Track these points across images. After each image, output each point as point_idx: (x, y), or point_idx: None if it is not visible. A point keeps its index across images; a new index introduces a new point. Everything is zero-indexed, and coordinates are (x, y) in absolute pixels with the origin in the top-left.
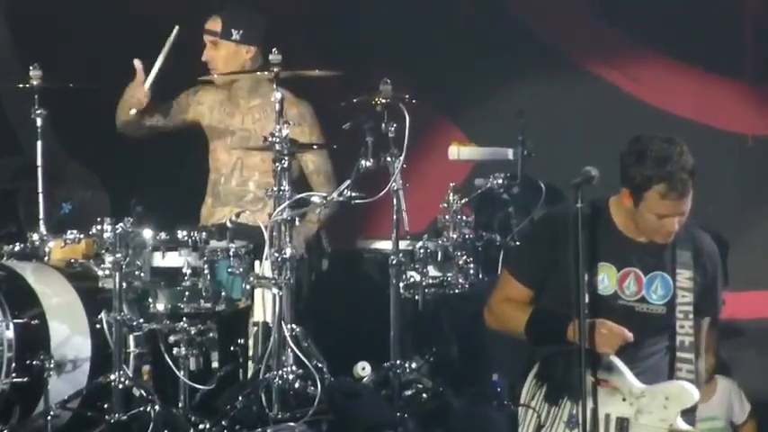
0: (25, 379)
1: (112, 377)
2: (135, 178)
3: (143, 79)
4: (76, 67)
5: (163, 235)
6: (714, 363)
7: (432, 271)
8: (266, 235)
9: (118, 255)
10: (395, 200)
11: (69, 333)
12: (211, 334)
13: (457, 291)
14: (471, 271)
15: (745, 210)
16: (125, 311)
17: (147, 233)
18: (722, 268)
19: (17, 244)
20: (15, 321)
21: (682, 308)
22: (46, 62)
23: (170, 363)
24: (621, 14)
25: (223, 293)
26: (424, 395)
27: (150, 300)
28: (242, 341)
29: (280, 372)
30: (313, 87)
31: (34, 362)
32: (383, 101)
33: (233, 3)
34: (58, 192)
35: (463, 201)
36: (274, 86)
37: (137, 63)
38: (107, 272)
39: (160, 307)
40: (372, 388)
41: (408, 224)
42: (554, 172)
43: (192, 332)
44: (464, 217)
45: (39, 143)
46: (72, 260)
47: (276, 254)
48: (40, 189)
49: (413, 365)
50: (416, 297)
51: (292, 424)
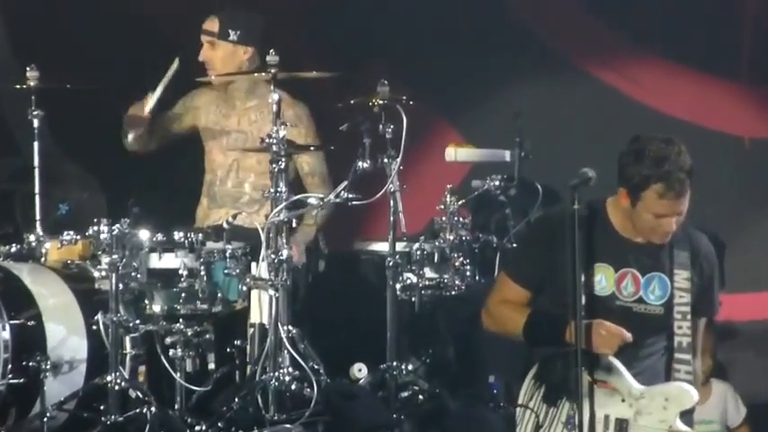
0: (21, 380)
1: (109, 378)
2: (132, 179)
3: (143, 107)
4: (74, 68)
5: (159, 236)
6: (711, 365)
7: (428, 273)
8: (263, 236)
9: (114, 256)
10: (392, 201)
11: (66, 334)
12: (208, 335)
13: (454, 292)
14: (468, 273)
15: (741, 211)
16: (121, 313)
17: (144, 234)
18: (719, 269)
19: (14, 245)
20: (12, 322)
21: (679, 308)
22: (43, 63)
23: (166, 364)
24: (619, 16)
25: (219, 295)
26: (421, 397)
27: (147, 301)
28: (238, 343)
29: (276, 373)
30: (310, 88)
31: (30, 363)
32: (380, 102)
33: (231, 3)
34: (55, 193)
35: (460, 202)
36: (272, 87)
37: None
38: (104, 273)
39: (156, 308)
40: (369, 390)
41: (405, 226)
42: (551, 174)
43: (189, 333)
44: (461, 219)
45: (36, 144)
46: (69, 261)
47: (273, 255)
48: (37, 190)
49: (409, 367)
50: (413, 299)
51: (289, 426)
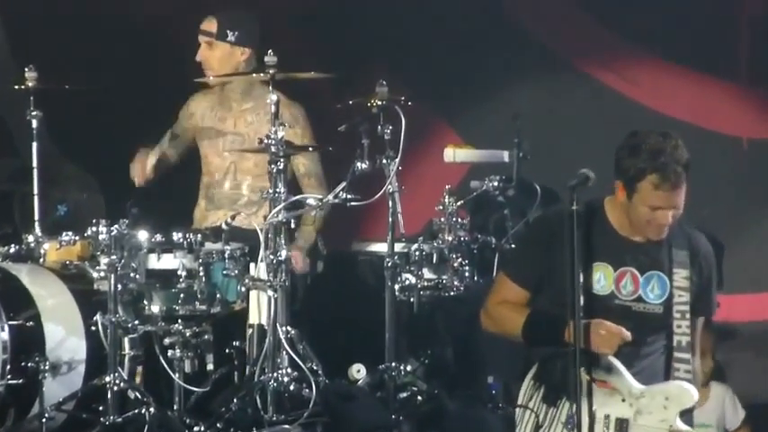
0: (20, 381)
1: (107, 379)
2: (130, 180)
3: (145, 162)
4: (72, 69)
5: (158, 237)
6: (713, 366)
7: (427, 273)
8: (261, 237)
9: (113, 257)
10: (390, 202)
11: (64, 335)
12: (206, 336)
13: (452, 293)
14: (466, 273)
15: (740, 212)
16: (120, 313)
17: (143, 235)
18: (717, 270)
19: (12, 245)
20: (10, 323)
21: (678, 307)
22: (42, 63)
23: (165, 365)
24: (618, 17)
25: (218, 296)
26: (419, 398)
27: (145, 302)
28: (237, 343)
29: (275, 374)
30: (309, 89)
31: (29, 364)
32: (379, 103)
33: (229, 4)
34: (54, 193)
35: (459, 203)
36: (270, 88)
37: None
38: (102, 274)
39: (155, 309)
40: (367, 390)
41: (404, 226)
42: (550, 174)
43: (187, 334)
44: (459, 219)
45: (34, 145)
46: (67, 262)
47: (271, 256)
48: (36, 191)
49: (408, 368)
50: (411, 299)
51: (287, 426)
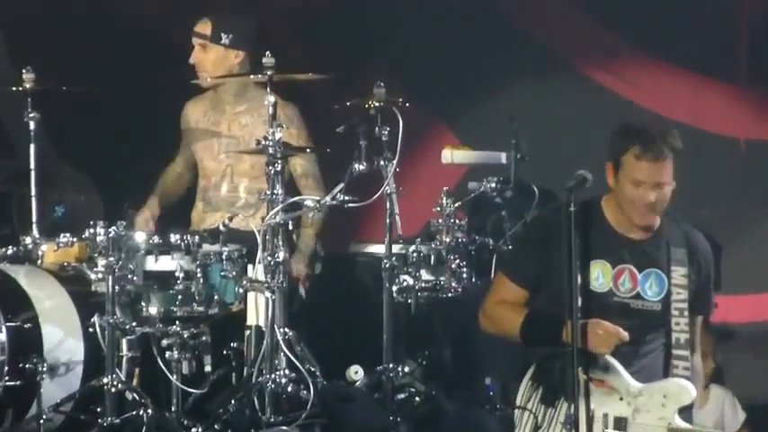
0: (18, 382)
1: (105, 381)
2: (128, 182)
3: (148, 218)
4: (70, 70)
5: (156, 238)
6: (713, 368)
7: (425, 275)
8: (259, 239)
9: (111, 258)
10: (388, 203)
11: (62, 336)
12: (204, 337)
13: (450, 294)
14: (464, 275)
15: (738, 213)
16: (118, 315)
17: (140, 236)
18: (715, 270)
19: (10, 247)
20: (8, 324)
21: (677, 305)
22: (39, 65)
23: (163, 366)
24: (617, 18)
25: (216, 297)
26: (417, 399)
27: (143, 303)
28: (235, 345)
29: (272, 375)
30: (307, 90)
31: (27, 365)
32: (377, 104)
33: (224, 7)
34: (52, 195)
35: (456, 204)
36: (268, 90)
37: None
38: (100, 275)
39: (153, 310)
40: (365, 392)
41: (401, 228)
42: (547, 176)
43: (185, 336)
44: (457, 221)
45: (32, 146)
46: (65, 263)
47: (269, 258)
48: (33, 192)
49: (405, 369)
50: (409, 301)
51: (285, 428)
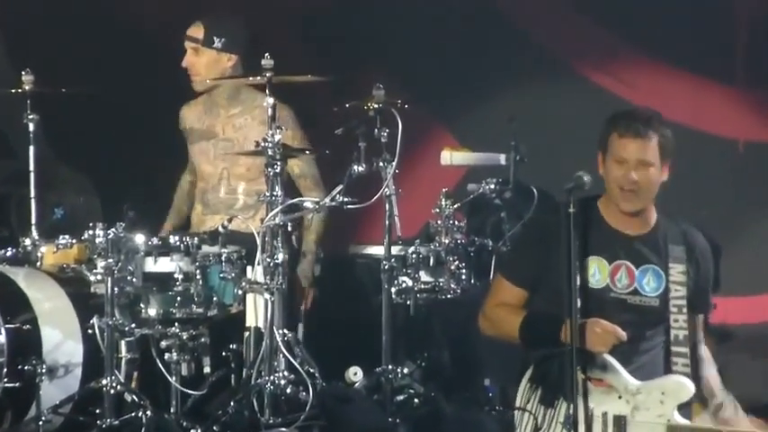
0: (17, 384)
1: (104, 382)
2: (127, 183)
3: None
4: (69, 72)
5: (155, 240)
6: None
7: (424, 276)
8: (258, 240)
9: (110, 260)
10: (387, 205)
11: (61, 338)
12: (203, 339)
13: (449, 296)
14: (463, 276)
15: (736, 215)
16: (117, 316)
17: (139, 238)
18: (715, 270)
19: (9, 249)
20: (7, 326)
21: (675, 302)
22: (39, 67)
23: (162, 368)
24: (616, 19)
25: (215, 299)
26: (416, 400)
27: (142, 305)
28: (234, 346)
29: (271, 377)
30: (306, 92)
31: (26, 367)
32: (376, 106)
33: (223, 8)
34: (51, 197)
35: (455, 206)
36: (267, 92)
37: None
38: (99, 277)
39: (152, 312)
40: (364, 393)
41: (400, 229)
42: (547, 177)
43: (184, 337)
44: (456, 222)
45: (31, 148)
46: (64, 265)
47: (268, 259)
48: (33, 194)
49: (405, 371)
50: (408, 302)
51: (284, 429)
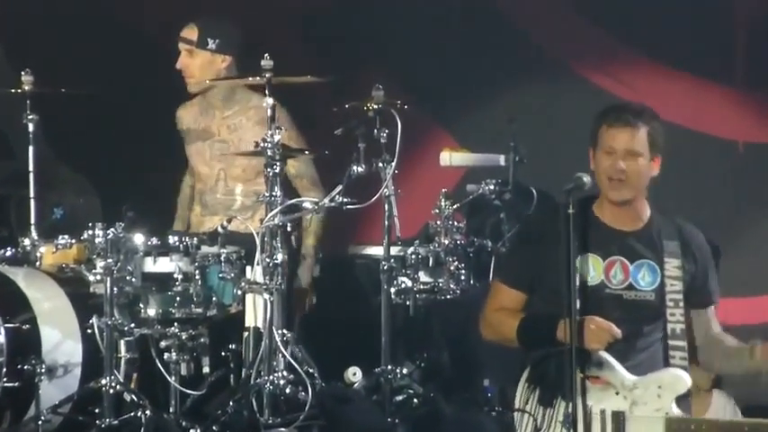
0: (16, 383)
1: (103, 382)
2: (126, 184)
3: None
4: (69, 73)
5: (154, 240)
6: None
7: (423, 277)
8: (258, 241)
9: (109, 260)
10: (386, 205)
11: (60, 338)
12: (202, 339)
13: (448, 296)
14: (463, 277)
15: (736, 216)
16: (116, 316)
17: (139, 238)
18: (714, 260)
19: (9, 249)
20: (6, 326)
21: (671, 296)
22: (38, 67)
23: (161, 368)
24: (616, 20)
25: (214, 299)
26: (415, 401)
27: (141, 305)
28: (233, 346)
29: (271, 377)
30: (305, 93)
31: (25, 366)
32: (375, 107)
33: (222, 9)
34: (50, 197)
35: (455, 207)
36: (266, 92)
37: None
38: (98, 277)
39: (151, 312)
40: (363, 393)
41: (400, 230)
42: (546, 178)
43: (183, 337)
44: (455, 223)
45: (30, 148)
46: (63, 265)
47: (267, 259)
48: (32, 194)
49: (404, 371)
50: (408, 303)
51: (283, 429)
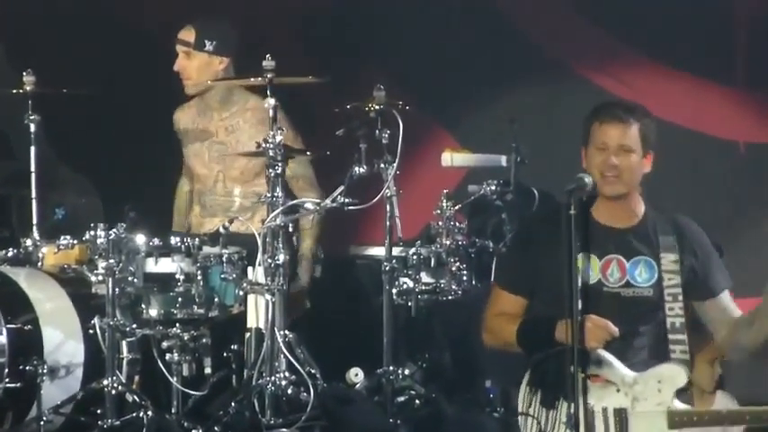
0: (18, 384)
1: (105, 383)
2: (128, 184)
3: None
4: (71, 73)
5: (156, 241)
6: (721, 373)
7: (425, 277)
8: (259, 241)
9: (111, 260)
10: (388, 206)
11: (62, 338)
12: (204, 340)
13: (450, 297)
14: (464, 277)
15: (737, 216)
16: (118, 317)
17: (140, 239)
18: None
19: (10, 249)
20: (8, 326)
21: (669, 290)
22: (40, 67)
23: (163, 368)
24: (616, 21)
25: (216, 299)
26: (417, 402)
27: (143, 305)
28: (235, 347)
29: (273, 378)
30: (306, 93)
31: (27, 367)
32: (377, 107)
33: (222, 9)
34: (52, 197)
35: (456, 207)
36: (268, 93)
37: None
38: (100, 277)
39: (153, 313)
40: (365, 394)
41: (401, 230)
42: (547, 178)
43: (185, 338)
44: (457, 223)
45: (32, 149)
46: (65, 266)
47: (269, 260)
48: (34, 195)
49: (405, 372)
50: (409, 303)
51: (285, 430)
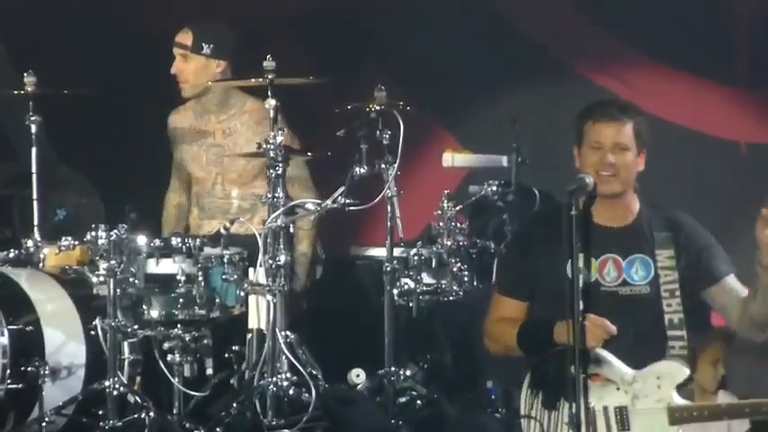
0: (20, 385)
1: (107, 383)
2: (129, 185)
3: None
4: (72, 74)
5: (157, 242)
6: (723, 374)
7: (426, 278)
8: (260, 242)
9: (112, 261)
10: (389, 207)
11: (64, 339)
12: (206, 341)
13: (451, 298)
14: (465, 278)
15: (738, 216)
16: (119, 318)
17: (142, 240)
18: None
19: (12, 250)
20: (10, 327)
21: (666, 287)
22: (41, 68)
23: (164, 369)
24: (617, 21)
25: (217, 300)
26: (419, 402)
27: (144, 306)
28: (237, 348)
29: (274, 378)
30: (307, 94)
31: (29, 368)
32: (378, 108)
33: (222, 10)
34: (53, 198)
35: (457, 208)
36: (269, 93)
37: None
38: (101, 278)
39: (154, 314)
40: (367, 395)
41: (402, 231)
42: (548, 179)
43: (187, 339)
44: (458, 224)
45: (33, 149)
46: (66, 267)
47: (270, 261)
48: (35, 195)
49: (407, 372)
50: (410, 304)
51: (287, 431)
